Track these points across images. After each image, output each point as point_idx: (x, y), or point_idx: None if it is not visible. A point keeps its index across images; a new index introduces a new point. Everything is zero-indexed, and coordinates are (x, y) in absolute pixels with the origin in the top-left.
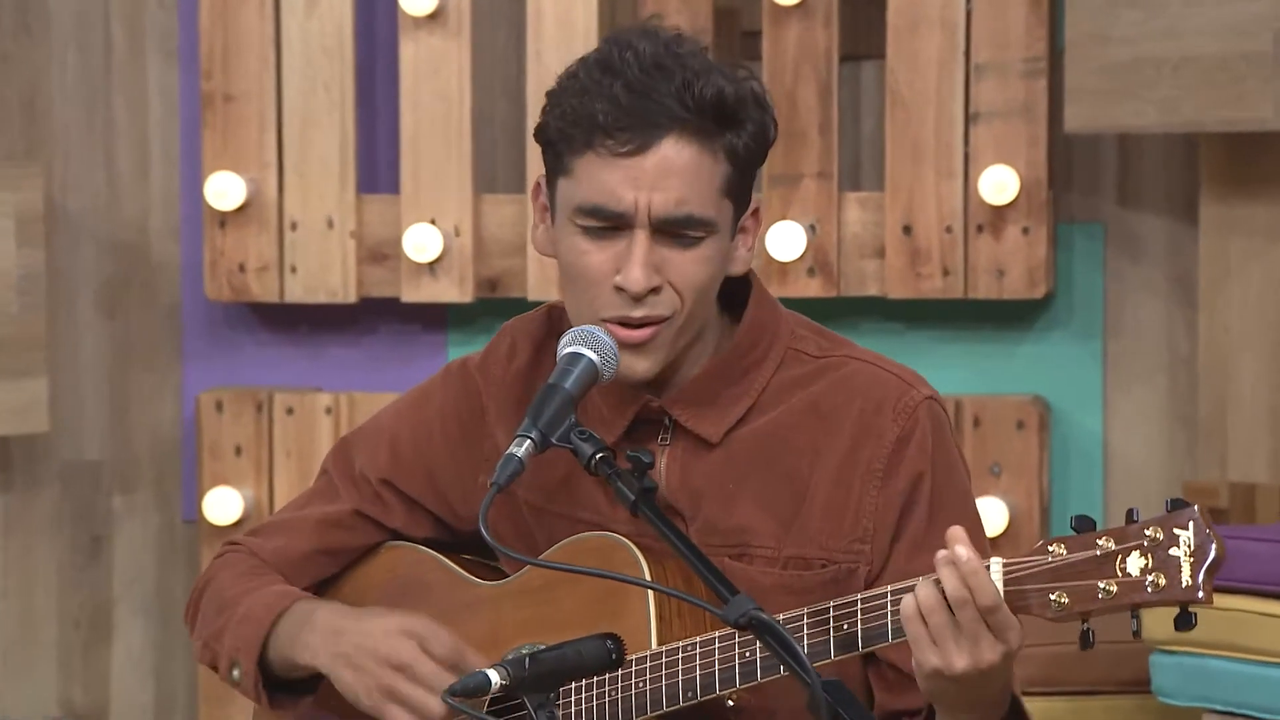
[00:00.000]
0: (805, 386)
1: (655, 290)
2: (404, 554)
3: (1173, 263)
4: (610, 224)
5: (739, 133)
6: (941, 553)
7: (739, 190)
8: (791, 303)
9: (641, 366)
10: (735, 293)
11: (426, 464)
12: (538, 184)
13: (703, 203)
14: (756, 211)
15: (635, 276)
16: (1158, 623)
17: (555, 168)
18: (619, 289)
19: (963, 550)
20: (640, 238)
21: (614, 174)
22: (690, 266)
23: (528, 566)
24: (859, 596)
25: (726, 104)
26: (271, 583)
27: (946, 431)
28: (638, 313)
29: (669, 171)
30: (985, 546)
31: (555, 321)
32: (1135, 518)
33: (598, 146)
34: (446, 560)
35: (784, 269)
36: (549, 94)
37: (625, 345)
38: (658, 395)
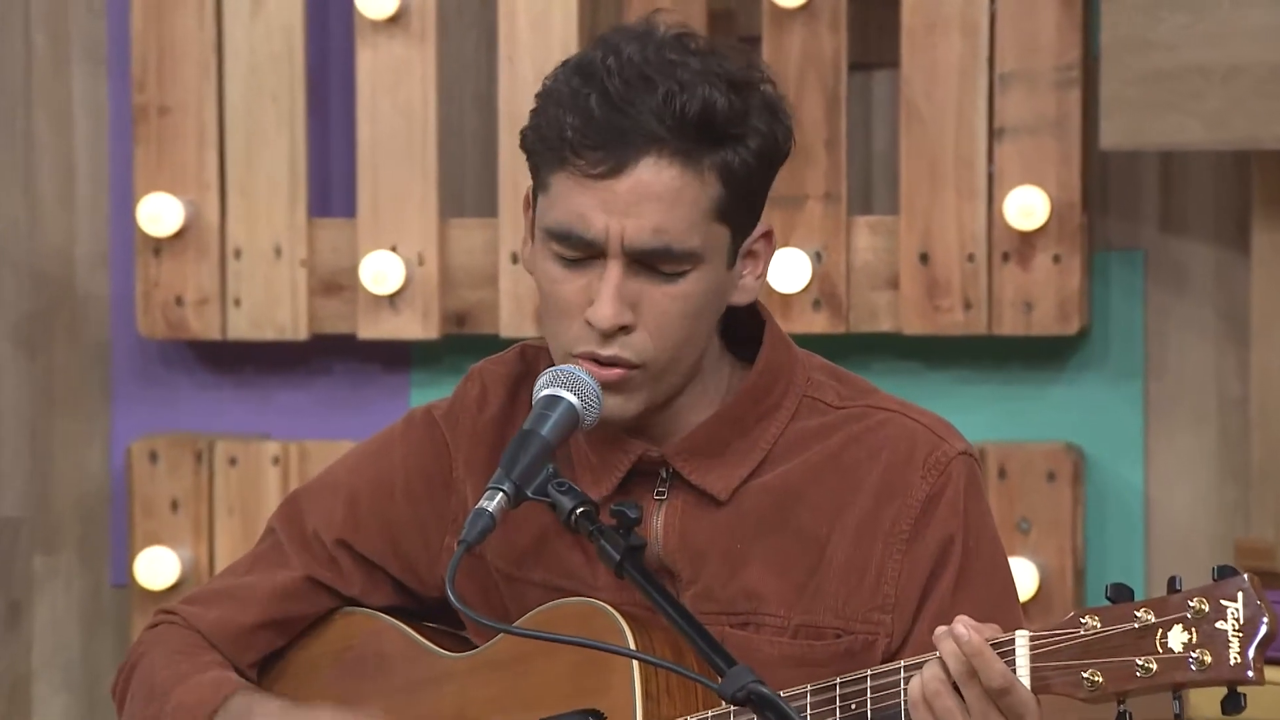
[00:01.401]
0: (823, 439)
1: (626, 329)
2: (360, 622)
3: (1222, 295)
4: (582, 252)
5: (735, 149)
6: (941, 629)
7: (738, 212)
8: (794, 340)
9: (617, 406)
10: (743, 326)
11: (387, 523)
12: (527, 195)
13: (685, 231)
14: (769, 235)
15: (604, 313)
16: (1205, 703)
17: (535, 181)
18: (589, 323)
19: (963, 630)
20: (612, 269)
21: (585, 197)
22: (667, 304)
23: (499, 636)
24: (869, 672)
25: (716, 119)
26: (207, 666)
27: (980, 491)
28: (605, 351)
29: (645, 196)
30: (1019, 619)
31: (531, 362)
32: (1178, 587)
33: (569, 165)
34: (408, 629)
35: (786, 302)
36: (536, 96)
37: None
38: (655, 443)
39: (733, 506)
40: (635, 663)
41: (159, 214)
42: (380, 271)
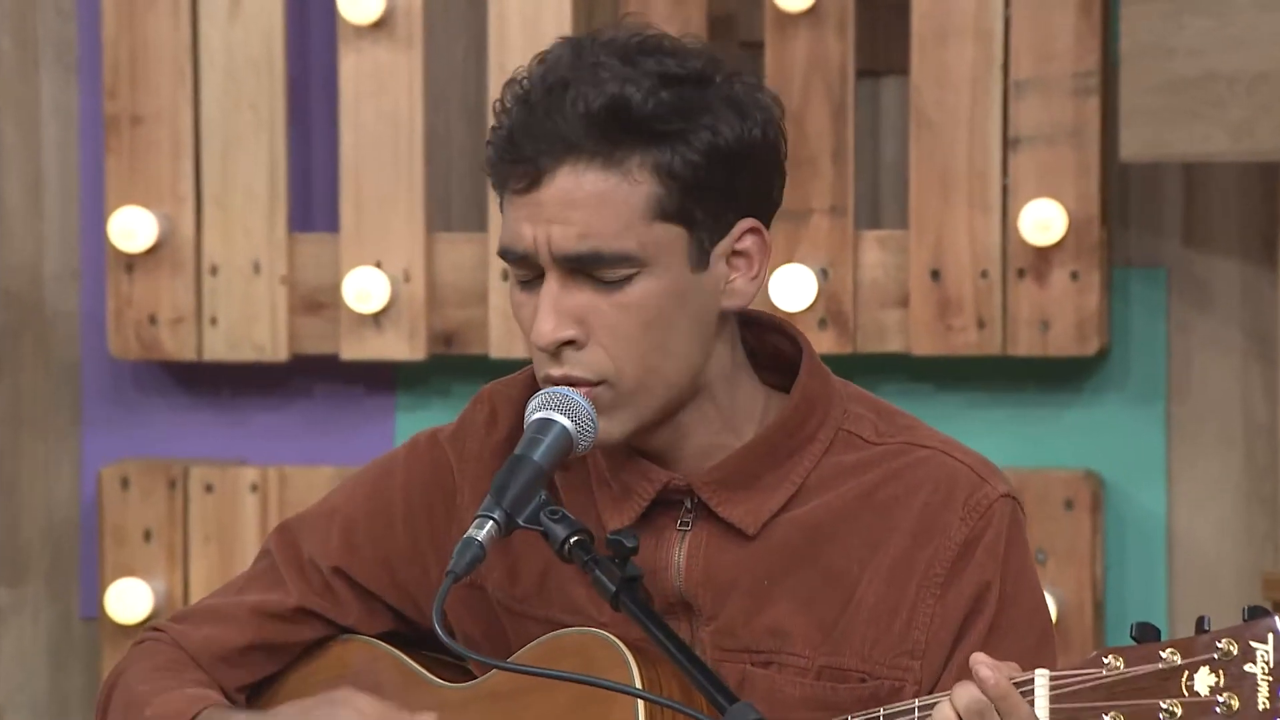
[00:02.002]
0: (858, 475)
1: (574, 344)
2: (357, 649)
3: (1248, 313)
4: (525, 270)
5: (672, 146)
6: (970, 674)
7: (690, 211)
8: None
9: (600, 427)
10: (774, 349)
11: (385, 552)
12: None
13: (616, 234)
14: (756, 230)
15: (541, 329)
16: None
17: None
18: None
19: (987, 672)
20: (550, 282)
21: (517, 212)
22: (616, 314)
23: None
24: (881, 711)
25: (630, 116)
26: (187, 682)
27: (1022, 536)
28: (556, 370)
29: (568, 204)
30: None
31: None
32: (1206, 627)
33: (503, 185)
34: (405, 658)
35: (790, 320)
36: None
37: None
38: (669, 466)
39: (760, 541)
40: (640, 700)
41: (131, 228)
42: (364, 289)
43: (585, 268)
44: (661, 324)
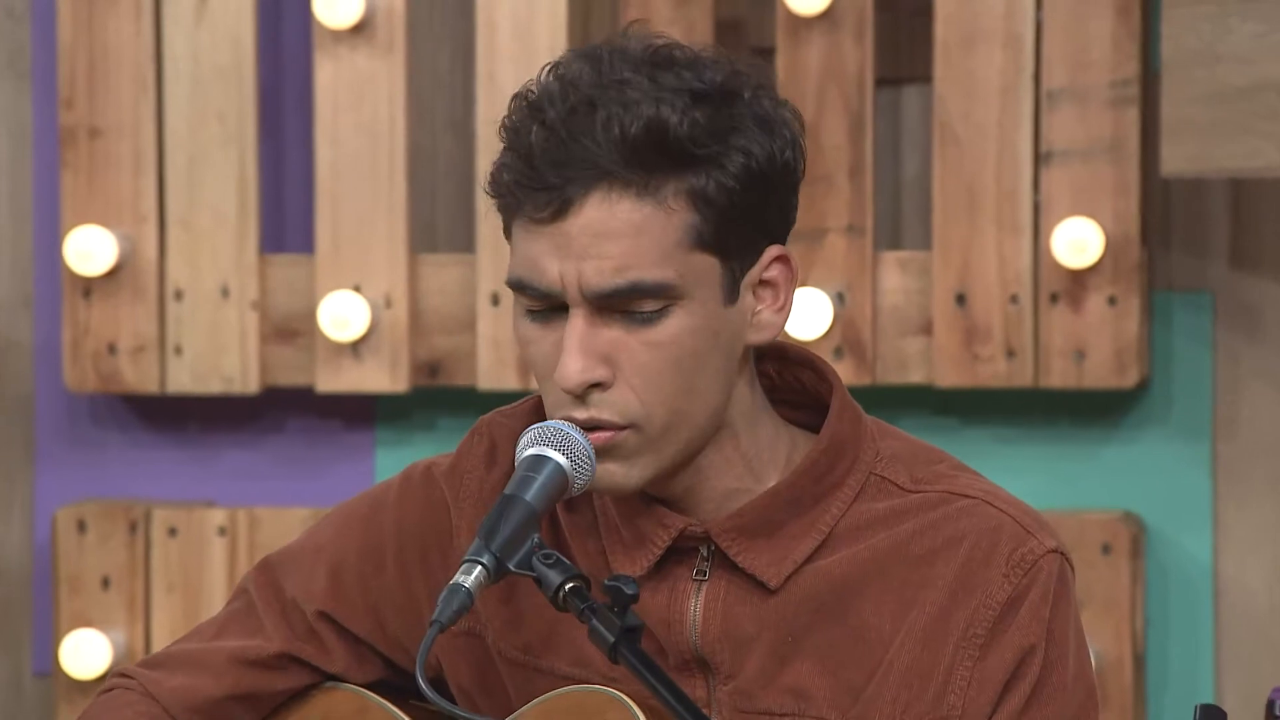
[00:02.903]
0: (891, 525)
1: (601, 385)
2: (343, 699)
3: None
4: (544, 304)
5: (706, 172)
6: None
7: (726, 239)
8: None
9: (618, 474)
10: (799, 381)
11: (374, 596)
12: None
13: (655, 264)
14: (785, 259)
15: (567, 370)
16: None
17: (505, 233)
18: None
19: None
20: (575, 320)
21: (537, 243)
22: (648, 353)
23: None
24: None
25: (667, 140)
26: None
27: (1070, 595)
28: (581, 413)
29: (601, 235)
30: None
31: (546, 416)
32: (1277, 712)
33: (519, 213)
34: (396, 710)
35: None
36: (498, 131)
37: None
38: (684, 510)
39: (783, 595)
40: None
41: (89, 249)
42: (341, 315)
43: (620, 303)
44: (692, 362)
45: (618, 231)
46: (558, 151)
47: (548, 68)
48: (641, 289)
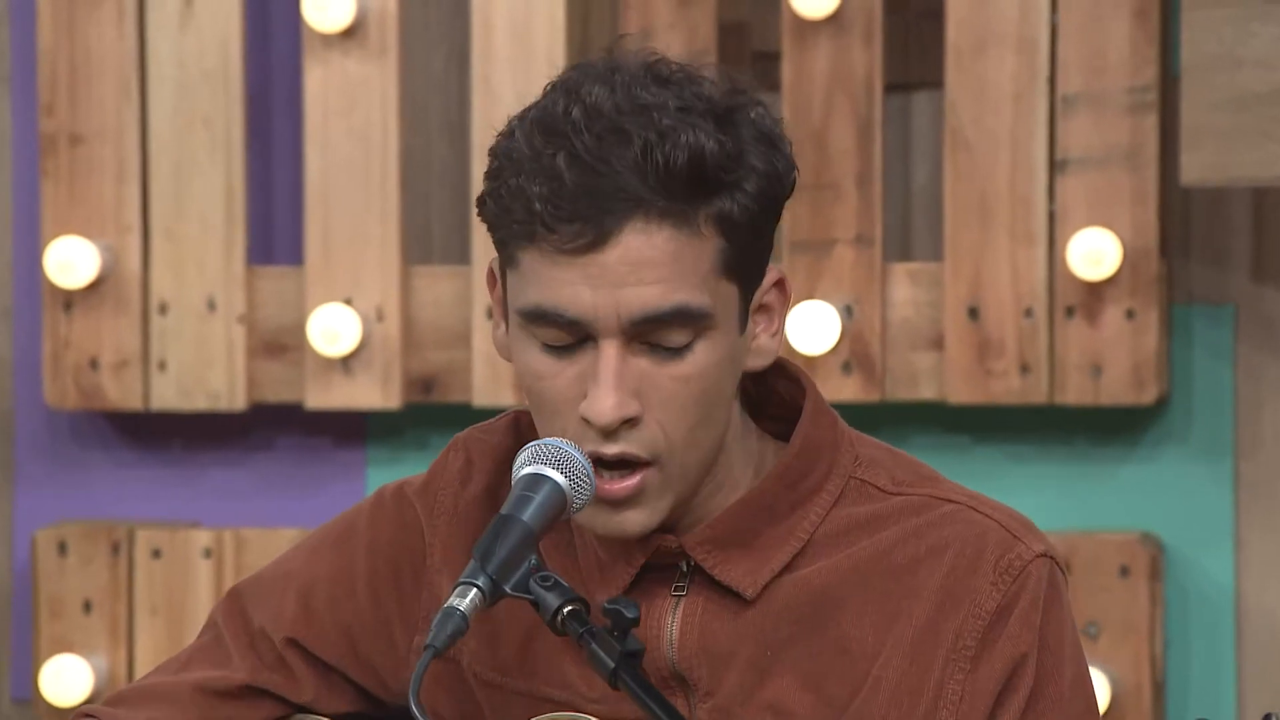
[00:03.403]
0: (873, 530)
1: (632, 421)
2: None
3: None
4: (570, 335)
5: (732, 196)
6: None
7: (744, 265)
8: None
9: (635, 522)
10: (774, 392)
11: (346, 620)
12: (491, 271)
13: (695, 289)
14: (781, 283)
15: (603, 406)
16: None
17: (501, 256)
18: (587, 420)
19: None
20: (608, 351)
21: (565, 273)
22: (676, 386)
23: None
24: None
25: (706, 167)
26: None
27: (1062, 601)
28: (610, 449)
29: (640, 264)
30: None
31: (524, 433)
32: None
33: (540, 242)
34: None
35: (810, 364)
36: (490, 153)
37: (608, 501)
38: (673, 531)
39: (761, 606)
40: None
41: (70, 261)
42: (332, 329)
43: (654, 331)
44: (715, 393)
45: (656, 260)
46: (591, 181)
47: (557, 90)
48: (687, 313)
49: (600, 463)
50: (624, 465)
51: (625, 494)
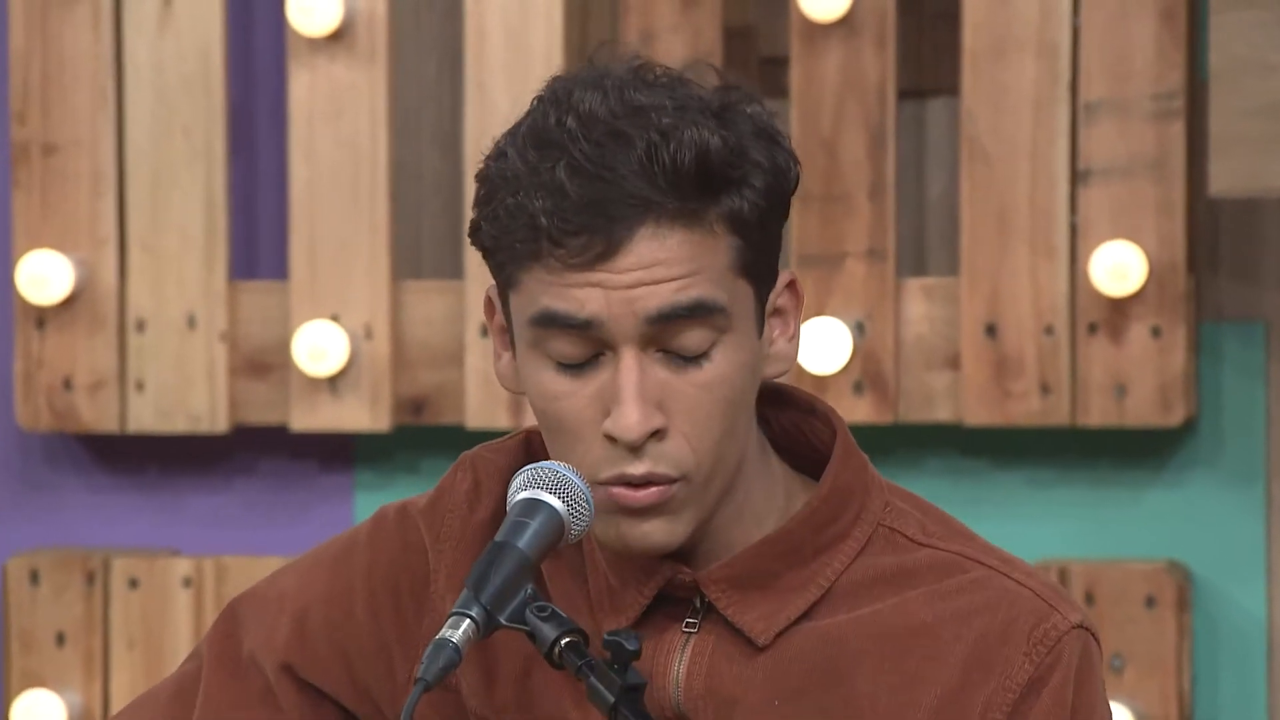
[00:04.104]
0: (898, 587)
1: (658, 434)
2: None
3: None
4: (584, 345)
5: (740, 193)
6: None
7: (757, 264)
8: None
9: (659, 533)
10: (791, 428)
11: (342, 644)
12: (489, 299)
13: (713, 284)
14: (793, 285)
15: (629, 420)
16: None
17: (501, 281)
18: (610, 438)
19: None
20: (628, 362)
21: (575, 277)
22: (699, 395)
23: None
24: None
25: (713, 164)
26: None
27: (1096, 675)
28: (637, 468)
29: (654, 264)
30: None
31: (537, 454)
32: None
33: (546, 259)
34: None
35: (820, 384)
36: (478, 178)
37: (630, 511)
38: (687, 562)
39: (774, 653)
40: None
41: (43, 276)
42: (318, 347)
43: (673, 334)
44: (737, 402)
45: (670, 261)
46: (595, 189)
47: (544, 102)
48: (706, 307)
49: (627, 483)
50: (650, 486)
51: (650, 501)
